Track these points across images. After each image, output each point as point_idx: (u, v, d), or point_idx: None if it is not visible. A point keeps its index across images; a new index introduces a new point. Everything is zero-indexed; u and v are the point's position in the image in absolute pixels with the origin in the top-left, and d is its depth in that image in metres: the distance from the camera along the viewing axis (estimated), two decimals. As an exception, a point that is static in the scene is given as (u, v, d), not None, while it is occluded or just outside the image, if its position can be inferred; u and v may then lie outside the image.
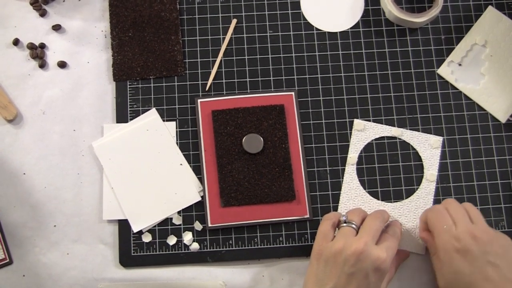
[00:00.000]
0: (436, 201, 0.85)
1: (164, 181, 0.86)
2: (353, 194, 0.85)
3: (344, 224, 0.77)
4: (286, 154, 0.86)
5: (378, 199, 0.85)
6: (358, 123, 0.86)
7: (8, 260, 0.83)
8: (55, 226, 0.85)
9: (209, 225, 0.84)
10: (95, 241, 0.85)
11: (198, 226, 0.84)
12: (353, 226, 0.76)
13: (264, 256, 0.84)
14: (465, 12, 0.92)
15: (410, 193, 0.85)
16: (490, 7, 0.91)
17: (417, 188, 0.85)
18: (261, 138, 0.86)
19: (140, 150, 0.87)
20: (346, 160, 0.86)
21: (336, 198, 0.85)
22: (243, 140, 0.86)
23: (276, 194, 0.85)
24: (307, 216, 0.85)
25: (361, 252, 0.72)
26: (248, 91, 0.89)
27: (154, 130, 0.87)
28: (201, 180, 0.86)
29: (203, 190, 0.85)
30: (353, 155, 0.86)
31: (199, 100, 0.88)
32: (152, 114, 0.87)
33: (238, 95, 0.88)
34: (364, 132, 0.86)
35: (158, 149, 0.86)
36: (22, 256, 0.84)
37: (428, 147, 0.86)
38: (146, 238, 0.84)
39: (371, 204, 0.84)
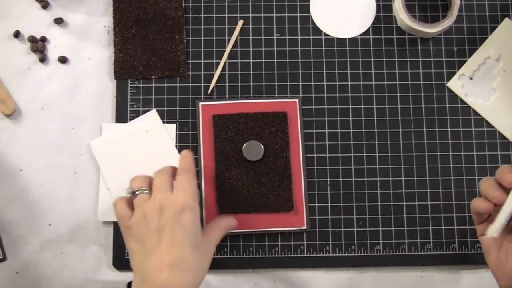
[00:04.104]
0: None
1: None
2: None
3: (137, 194, 0.69)
4: (287, 163, 0.80)
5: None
6: None
7: (1, 257, 0.79)
8: (50, 224, 0.80)
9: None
10: (89, 242, 0.80)
11: None
12: (145, 191, 0.69)
13: (258, 265, 0.79)
14: (480, 23, 0.84)
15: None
16: (506, 19, 0.83)
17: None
18: (262, 146, 0.80)
19: (138, 151, 0.81)
20: (347, 171, 0.81)
21: (336, 210, 0.80)
22: (243, 147, 0.80)
23: (274, 204, 0.79)
24: (304, 227, 0.79)
25: (160, 208, 0.66)
26: (251, 95, 0.82)
27: (153, 132, 0.80)
28: (198, 185, 0.79)
29: (200, 195, 0.79)
30: None
31: (200, 103, 0.81)
32: (153, 115, 0.81)
33: (241, 100, 0.82)
34: None
35: (157, 151, 0.80)
36: (16, 254, 0.79)
37: None
38: (141, 242, 0.79)
39: None
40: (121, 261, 0.79)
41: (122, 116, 0.81)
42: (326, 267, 0.79)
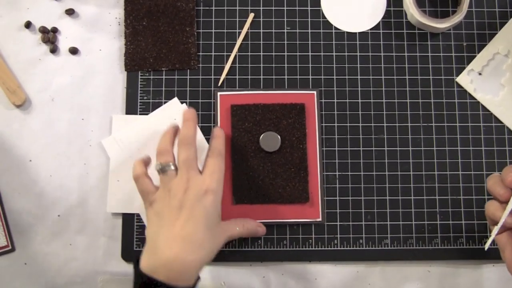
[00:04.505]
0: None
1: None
2: None
3: (165, 170, 0.70)
4: (303, 155, 0.79)
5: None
6: None
7: (10, 248, 0.78)
8: (59, 216, 0.79)
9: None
10: (98, 233, 0.79)
11: None
12: (172, 168, 0.70)
13: (266, 258, 0.78)
14: (489, 19, 0.83)
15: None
16: (516, 15, 0.83)
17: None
18: (279, 137, 0.79)
19: (150, 140, 0.80)
20: (356, 165, 0.80)
21: (344, 204, 0.79)
22: (261, 137, 0.79)
23: (290, 195, 0.79)
24: (319, 219, 0.79)
25: (185, 187, 0.68)
26: (261, 88, 0.81)
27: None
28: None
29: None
30: None
31: (219, 93, 0.81)
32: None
33: (259, 91, 0.81)
34: None
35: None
36: (25, 244, 0.78)
37: None
38: (150, 233, 0.79)
39: None
40: (129, 253, 0.78)
41: (132, 107, 0.81)
42: (334, 261, 0.79)
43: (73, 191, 0.80)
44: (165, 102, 0.81)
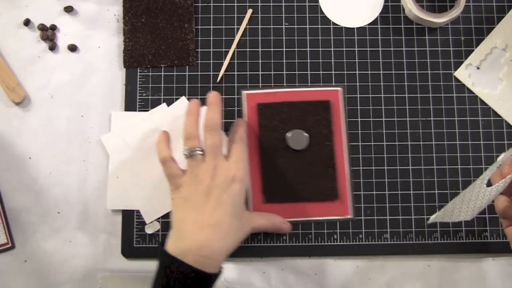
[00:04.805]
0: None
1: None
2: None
3: (192, 154, 0.71)
4: (330, 152, 0.79)
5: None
6: None
7: (10, 245, 0.77)
8: (58, 213, 0.78)
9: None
10: (98, 230, 0.79)
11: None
12: (199, 153, 0.71)
13: (266, 254, 0.78)
14: (487, 13, 0.83)
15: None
16: (513, 9, 0.83)
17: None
18: (306, 135, 0.79)
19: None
20: (355, 160, 0.80)
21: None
22: (288, 135, 0.79)
23: (319, 193, 0.79)
24: (349, 216, 0.78)
25: (212, 173, 0.69)
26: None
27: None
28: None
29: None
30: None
31: (244, 92, 0.80)
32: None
33: (284, 88, 0.81)
34: None
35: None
36: (25, 242, 0.78)
37: None
38: (149, 229, 0.78)
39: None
40: (129, 249, 0.78)
41: (131, 104, 0.80)
42: (334, 256, 0.79)
43: (73, 188, 0.79)
44: (164, 99, 0.81)
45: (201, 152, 0.71)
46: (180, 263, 0.64)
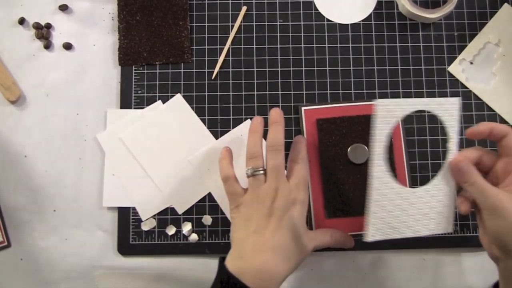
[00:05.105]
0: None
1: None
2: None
3: (255, 174, 0.69)
4: (391, 165, 0.78)
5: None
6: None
7: (6, 243, 0.77)
8: (54, 211, 0.78)
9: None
10: (94, 228, 0.78)
11: (207, 220, 0.78)
12: (261, 173, 0.69)
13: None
14: (480, 8, 0.83)
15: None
16: (506, 4, 0.82)
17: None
18: (367, 148, 0.78)
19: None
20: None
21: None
22: (349, 150, 0.78)
23: None
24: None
25: (274, 194, 0.68)
26: (352, 99, 0.82)
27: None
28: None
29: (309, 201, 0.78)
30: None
31: (303, 108, 0.80)
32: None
33: (339, 103, 0.80)
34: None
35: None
36: (21, 240, 0.78)
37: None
38: (145, 226, 0.78)
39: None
40: (125, 246, 0.78)
41: (126, 102, 0.80)
42: (330, 251, 0.78)
43: (69, 186, 0.79)
44: (159, 96, 0.80)
45: (263, 172, 0.70)
46: (238, 281, 0.63)
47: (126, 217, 0.78)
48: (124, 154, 0.79)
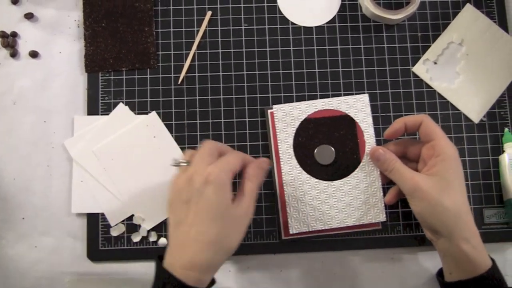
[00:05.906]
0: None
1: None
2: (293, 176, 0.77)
3: (172, 164, 0.68)
4: (357, 165, 0.77)
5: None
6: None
7: (-25, 252, 0.78)
8: (23, 218, 0.78)
9: (283, 237, 0.77)
10: (64, 234, 0.78)
11: None
12: (183, 164, 0.66)
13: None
14: (442, 9, 0.83)
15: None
16: (468, 5, 0.82)
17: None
18: (333, 149, 0.78)
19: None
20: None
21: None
22: (315, 151, 0.78)
23: None
24: (379, 227, 0.78)
25: (189, 179, 0.63)
26: (318, 98, 0.83)
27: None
28: (274, 192, 0.78)
29: (276, 202, 0.78)
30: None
31: (269, 111, 0.79)
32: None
33: (304, 103, 0.79)
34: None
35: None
36: (-11, 248, 0.78)
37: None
38: (115, 232, 0.77)
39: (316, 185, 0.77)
40: (95, 252, 0.78)
41: (93, 108, 0.80)
42: (299, 252, 0.78)
43: (37, 193, 0.79)
44: (126, 102, 0.80)
45: (185, 164, 0.67)
46: (171, 275, 0.62)
47: (95, 223, 0.78)
48: (91, 160, 0.78)
